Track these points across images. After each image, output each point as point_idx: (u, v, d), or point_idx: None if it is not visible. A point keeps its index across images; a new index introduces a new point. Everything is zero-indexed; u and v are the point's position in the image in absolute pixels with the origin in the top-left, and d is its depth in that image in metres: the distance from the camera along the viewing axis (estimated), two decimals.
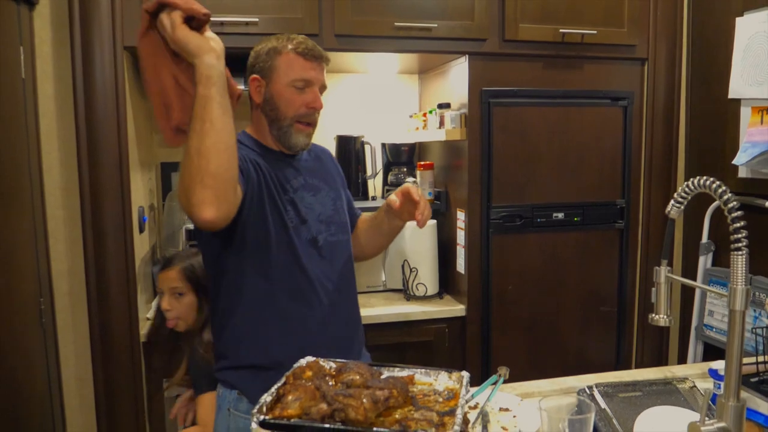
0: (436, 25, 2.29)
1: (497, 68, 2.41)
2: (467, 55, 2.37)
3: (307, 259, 1.56)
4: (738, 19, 2.32)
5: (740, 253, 1.15)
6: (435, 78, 2.79)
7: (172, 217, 2.59)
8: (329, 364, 1.28)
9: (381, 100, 2.93)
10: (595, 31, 2.43)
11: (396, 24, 2.25)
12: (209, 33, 1.33)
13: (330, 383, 1.17)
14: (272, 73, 1.54)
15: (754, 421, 1.42)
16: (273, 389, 1.13)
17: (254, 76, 1.56)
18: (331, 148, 2.77)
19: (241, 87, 1.51)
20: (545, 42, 2.41)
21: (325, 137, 2.87)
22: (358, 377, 1.16)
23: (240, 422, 1.53)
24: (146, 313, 2.33)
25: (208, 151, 1.23)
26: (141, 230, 2.32)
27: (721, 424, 1.17)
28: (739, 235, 1.14)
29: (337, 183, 1.74)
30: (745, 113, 2.33)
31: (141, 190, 2.38)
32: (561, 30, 2.39)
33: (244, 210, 1.44)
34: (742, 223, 1.15)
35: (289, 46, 1.53)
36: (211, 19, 2.12)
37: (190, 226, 2.29)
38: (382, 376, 1.22)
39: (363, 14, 2.25)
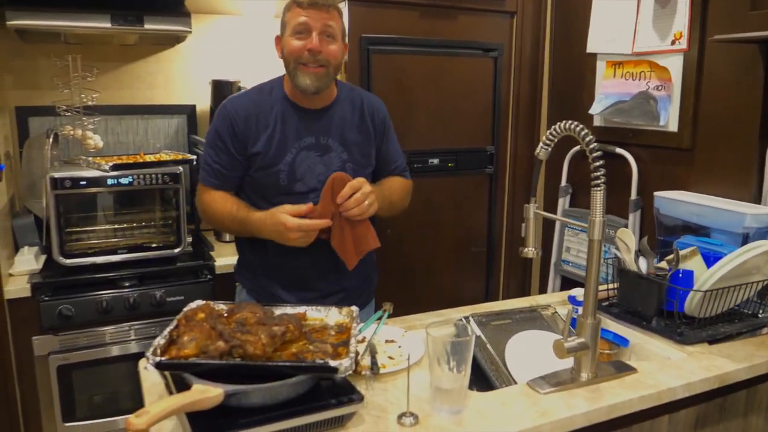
0: None
1: (376, 15, 2.42)
2: (347, 1, 2.37)
3: None
4: None
5: (599, 189, 1.28)
6: None
7: (32, 166, 2.40)
8: (219, 306, 1.28)
9: (258, 44, 2.84)
10: None
11: None
12: None
13: (224, 323, 1.18)
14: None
15: (604, 338, 1.61)
16: (165, 332, 1.12)
17: None
18: (207, 92, 2.68)
19: None
20: None
21: (200, 82, 2.76)
22: (251, 315, 1.18)
23: None
24: (8, 269, 2.17)
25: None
26: None
27: (581, 340, 1.32)
28: (599, 173, 1.27)
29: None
30: (601, 67, 2.53)
31: None
32: None
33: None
34: (602, 162, 1.27)
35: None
36: None
37: (55, 175, 2.14)
38: (275, 314, 1.24)
39: None
